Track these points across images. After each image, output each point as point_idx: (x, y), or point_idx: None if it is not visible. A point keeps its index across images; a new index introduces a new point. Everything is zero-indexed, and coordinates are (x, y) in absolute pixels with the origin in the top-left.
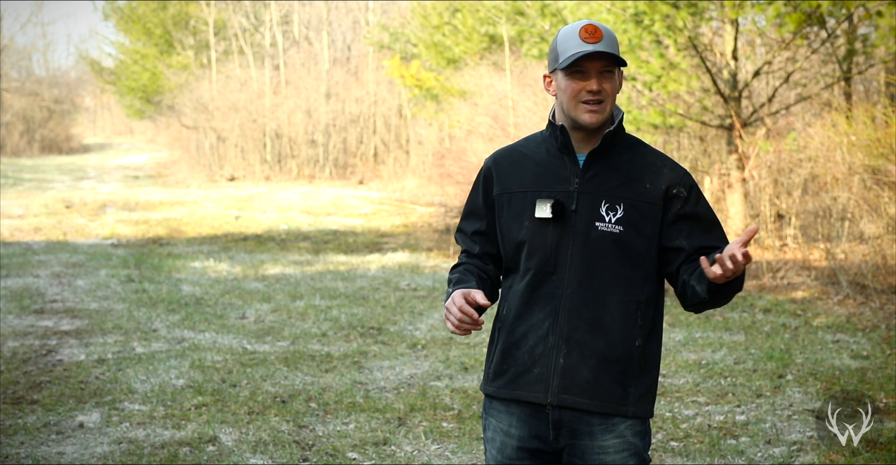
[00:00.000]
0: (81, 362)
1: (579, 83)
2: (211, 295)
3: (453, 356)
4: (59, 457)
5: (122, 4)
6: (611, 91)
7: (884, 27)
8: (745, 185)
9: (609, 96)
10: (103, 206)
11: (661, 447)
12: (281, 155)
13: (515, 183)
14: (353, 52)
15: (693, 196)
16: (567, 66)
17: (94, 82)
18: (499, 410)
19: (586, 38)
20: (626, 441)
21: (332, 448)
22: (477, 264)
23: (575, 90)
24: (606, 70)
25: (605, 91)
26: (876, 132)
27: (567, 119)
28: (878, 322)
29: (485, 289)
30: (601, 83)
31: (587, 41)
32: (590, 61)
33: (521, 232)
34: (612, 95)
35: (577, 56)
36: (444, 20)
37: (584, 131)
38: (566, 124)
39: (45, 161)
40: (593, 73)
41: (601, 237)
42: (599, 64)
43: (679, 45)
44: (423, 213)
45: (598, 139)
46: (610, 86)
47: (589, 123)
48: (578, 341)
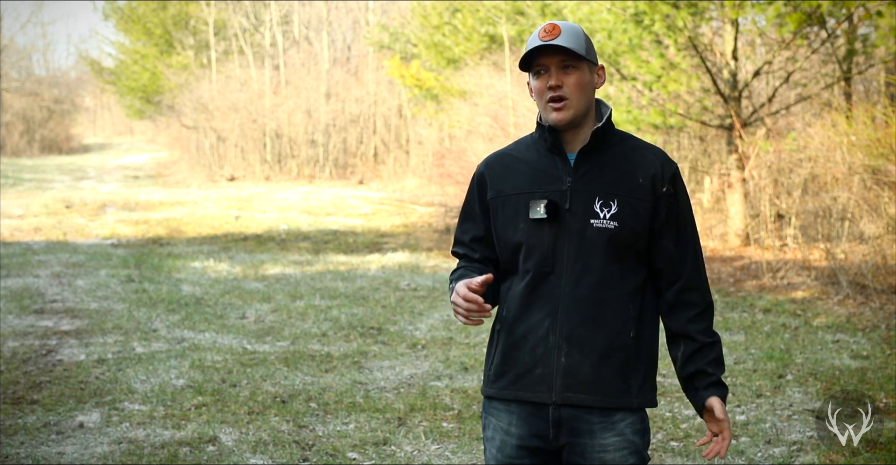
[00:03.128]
0: (81, 362)
1: (542, 81)
2: (211, 295)
3: (453, 356)
4: (59, 457)
5: (122, 4)
6: (574, 85)
7: (884, 27)
8: (745, 185)
9: (574, 90)
10: (103, 206)
11: (661, 447)
12: (281, 155)
13: (508, 186)
14: (353, 52)
15: (677, 193)
16: (526, 64)
17: (94, 82)
18: (498, 409)
19: (544, 36)
20: (625, 439)
21: (332, 448)
22: (478, 267)
23: (539, 88)
24: (567, 65)
25: (566, 86)
26: (876, 132)
27: (545, 120)
28: (878, 322)
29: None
30: (561, 78)
31: (544, 39)
32: (546, 57)
33: (517, 234)
34: (579, 89)
35: (529, 51)
36: (444, 20)
37: (571, 130)
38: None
39: (45, 161)
40: (553, 68)
41: (597, 234)
42: (557, 59)
43: (679, 45)
44: (423, 213)
45: (587, 137)
46: (572, 80)
47: (555, 122)
48: (579, 338)
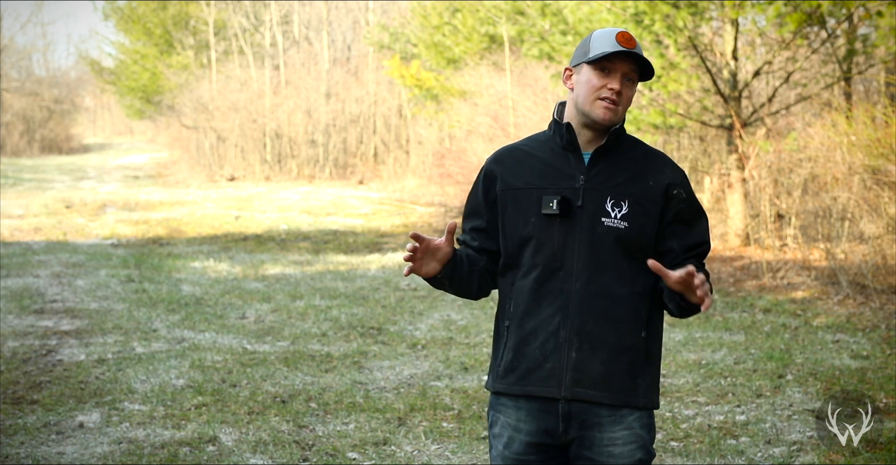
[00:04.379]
0: (81, 362)
1: (603, 79)
2: (211, 295)
3: (453, 356)
4: (59, 457)
5: (122, 4)
6: (627, 98)
7: (884, 27)
8: (745, 185)
9: (624, 102)
10: (103, 206)
11: (661, 447)
12: (281, 155)
13: (520, 180)
14: (353, 52)
15: (689, 197)
16: (597, 60)
17: (94, 82)
18: (507, 405)
19: (622, 42)
20: (634, 433)
21: (332, 448)
22: (468, 253)
23: (596, 86)
24: (630, 77)
25: (623, 95)
26: (876, 132)
27: (578, 115)
28: (878, 322)
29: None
30: (622, 85)
31: (622, 44)
32: (620, 61)
33: (527, 228)
34: (627, 103)
35: (610, 51)
36: (444, 20)
37: (592, 129)
38: (574, 121)
39: (45, 161)
40: (619, 73)
41: (606, 233)
42: (627, 67)
43: (679, 45)
44: (423, 213)
45: (602, 138)
46: (628, 92)
47: (602, 119)
48: (589, 334)
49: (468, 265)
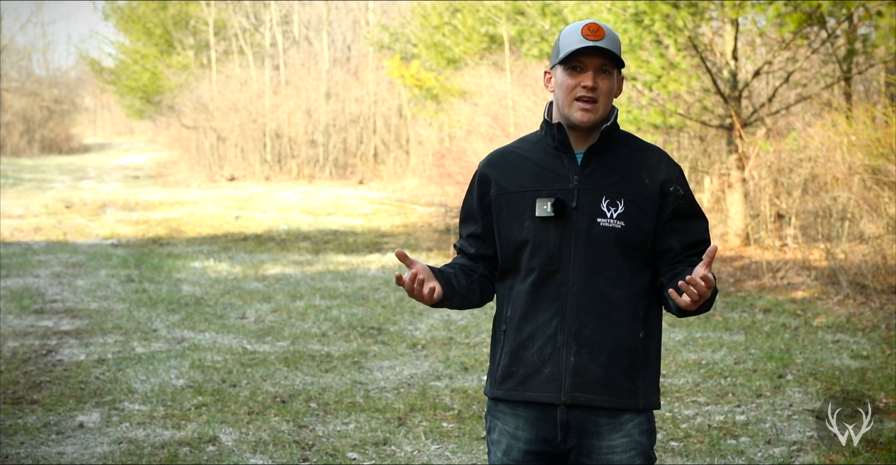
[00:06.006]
0: (81, 362)
1: (575, 78)
2: (211, 295)
3: (453, 356)
4: (59, 457)
5: (122, 4)
6: (606, 91)
7: (884, 27)
8: (745, 185)
9: (604, 96)
10: (103, 206)
11: (661, 448)
12: (281, 155)
13: (513, 183)
14: (353, 52)
15: (686, 194)
16: (565, 59)
17: (94, 82)
18: (504, 412)
19: (588, 35)
20: (633, 440)
21: (332, 448)
22: (465, 263)
23: (570, 85)
24: (604, 69)
25: (599, 89)
26: (876, 132)
27: (562, 117)
28: (878, 322)
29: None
30: (597, 80)
31: (588, 38)
32: (588, 57)
33: (523, 232)
34: (608, 96)
35: (575, 49)
36: (444, 20)
37: (580, 129)
38: (562, 122)
39: (45, 161)
40: (591, 69)
41: (603, 233)
42: (598, 61)
43: (679, 45)
44: (423, 213)
45: (594, 136)
46: (606, 85)
47: (580, 122)
48: (588, 338)
49: (465, 279)
